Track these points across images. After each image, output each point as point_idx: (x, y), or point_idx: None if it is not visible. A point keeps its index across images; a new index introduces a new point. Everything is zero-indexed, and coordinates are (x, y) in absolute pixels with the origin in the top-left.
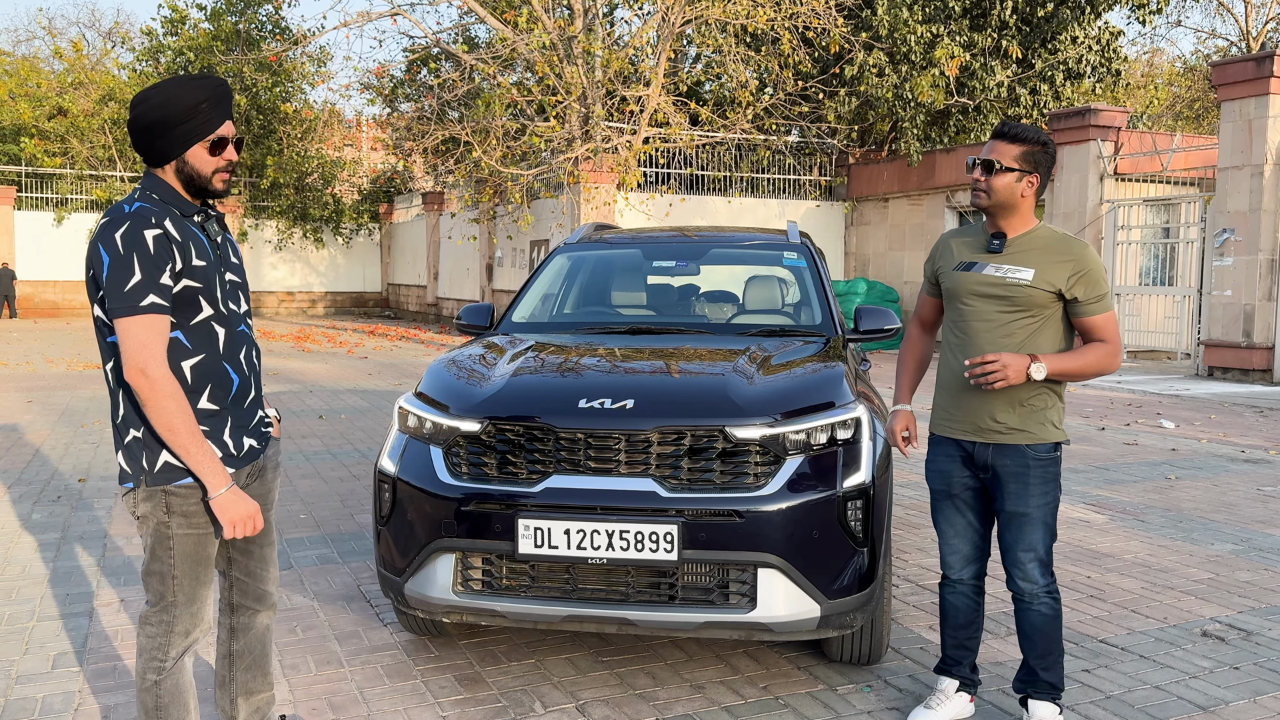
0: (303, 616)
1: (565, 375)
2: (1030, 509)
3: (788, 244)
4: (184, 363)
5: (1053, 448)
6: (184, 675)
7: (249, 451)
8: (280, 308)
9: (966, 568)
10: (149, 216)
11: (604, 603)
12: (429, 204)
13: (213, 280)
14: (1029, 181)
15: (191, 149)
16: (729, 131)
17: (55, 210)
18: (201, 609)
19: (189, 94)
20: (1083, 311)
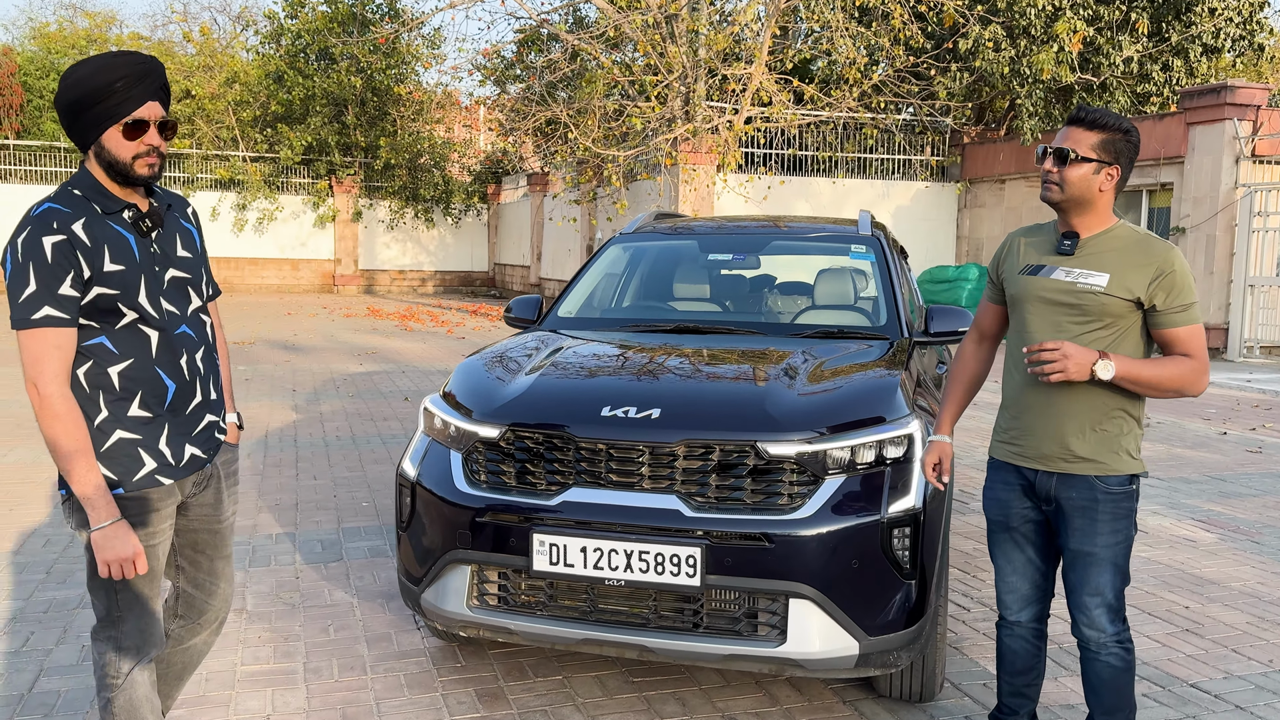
0: (339, 615)
1: (592, 380)
2: (1097, 548)
3: (856, 236)
4: (110, 369)
5: (1127, 480)
6: (137, 690)
7: (191, 460)
8: (392, 286)
9: (1025, 609)
10: (52, 221)
11: (623, 627)
12: (534, 185)
13: (135, 283)
14: (1108, 174)
15: (106, 131)
16: (835, 110)
17: (181, 189)
18: (150, 625)
19: (105, 72)
20: (1163, 321)
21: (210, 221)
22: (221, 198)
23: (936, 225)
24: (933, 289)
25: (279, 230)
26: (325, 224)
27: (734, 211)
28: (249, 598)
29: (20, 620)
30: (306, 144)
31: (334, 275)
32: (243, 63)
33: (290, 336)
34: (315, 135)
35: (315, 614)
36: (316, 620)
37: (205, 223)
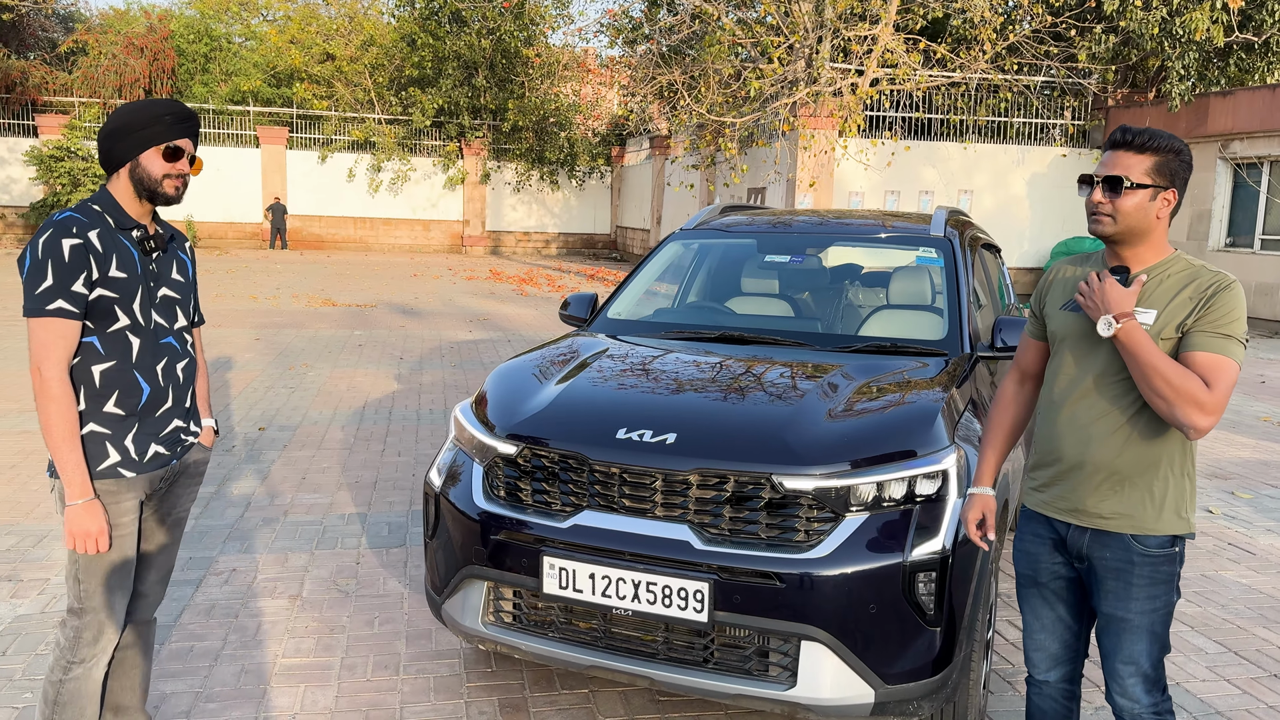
0: (387, 607)
1: (612, 398)
2: (1131, 614)
3: (927, 237)
4: (94, 367)
5: (1168, 542)
6: (87, 682)
7: (155, 458)
8: (517, 247)
9: (1054, 669)
10: (71, 226)
11: (632, 657)
12: (656, 148)
13: (133, 292)
14: (1165, 200)
15: (147, 151)
16: (967, 72)
17: (320, 150)
18: (109, 618)
19: (156, 108)
20: (1189, 343)
21: (346, 182)
22: (357, 159)
23: (1075, 193)
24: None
25: (411, 191)
26: (455, 186)
27: (854, 179)
28: (306, 583)
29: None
30: (438, 106)
31: (462, 236)
32: (379, 26)
33: (411, 300)
34: (446, 98)
35: (365, 604)
36: (364, 611)
37: (341, 183)
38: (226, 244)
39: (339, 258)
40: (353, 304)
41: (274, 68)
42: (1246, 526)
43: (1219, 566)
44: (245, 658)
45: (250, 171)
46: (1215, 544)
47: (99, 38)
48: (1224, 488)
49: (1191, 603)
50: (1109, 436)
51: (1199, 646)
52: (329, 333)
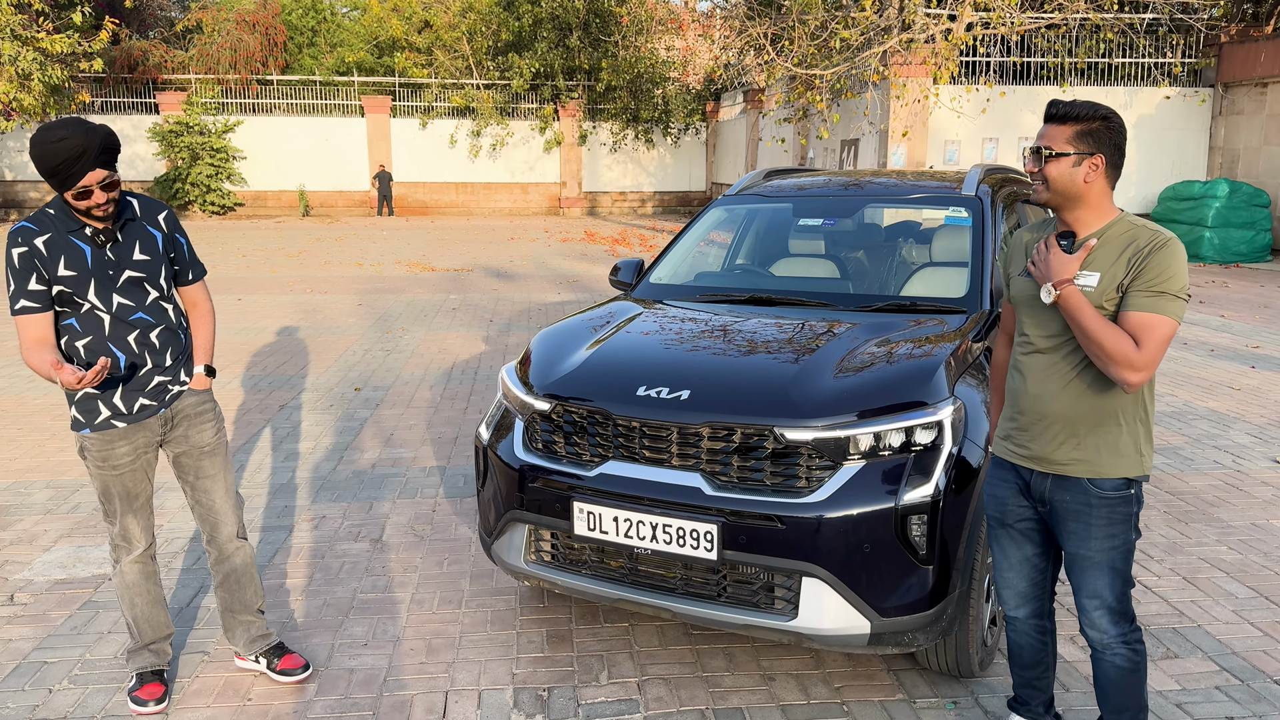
0: (458, 550)
1: (636, 359)
2: (1092, 552)
3: (958, 197)
4: (78, 342)
5: (1124, 484)
6: (127, 577)
7: (142, 409)
8: (613, 207)
9: (1022, 606)
10: (18, 236)
11: (653, 591)
12: (750, 101)
13: (85, 283)
14: (1091, 165)
15: (66, 193)
16: (1066, 12)
17: (422, 117)
18: (127, 532)
19: (50, 158)
20: (1126, 302)
21: (448, 149)
22: (458, 125)
23: (1185, 135)
24: (1176, 207)
25: (510, 155)
26: (551, 148)
27: (949, 128)
28: (387, 528)
29: (196, 540)
30: (534, 70)
31: (559, 198)
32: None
33: (506, 263)
34: (542, 60)
35: (437, 547)
36: (435, 554)
37: (443, 149)
38: (337, 212)
39: (441, 223)
40: (450, 269)
41: (376, 38)
42: None
43: (1272, 515)
44: (327, 593)
45: (357, 141)
46: (1274, 494)
47: (214, 15)
48: None
49: (1233, 550)
50: (1063, 390)
51: (1230, 591)
52: (426, 297)
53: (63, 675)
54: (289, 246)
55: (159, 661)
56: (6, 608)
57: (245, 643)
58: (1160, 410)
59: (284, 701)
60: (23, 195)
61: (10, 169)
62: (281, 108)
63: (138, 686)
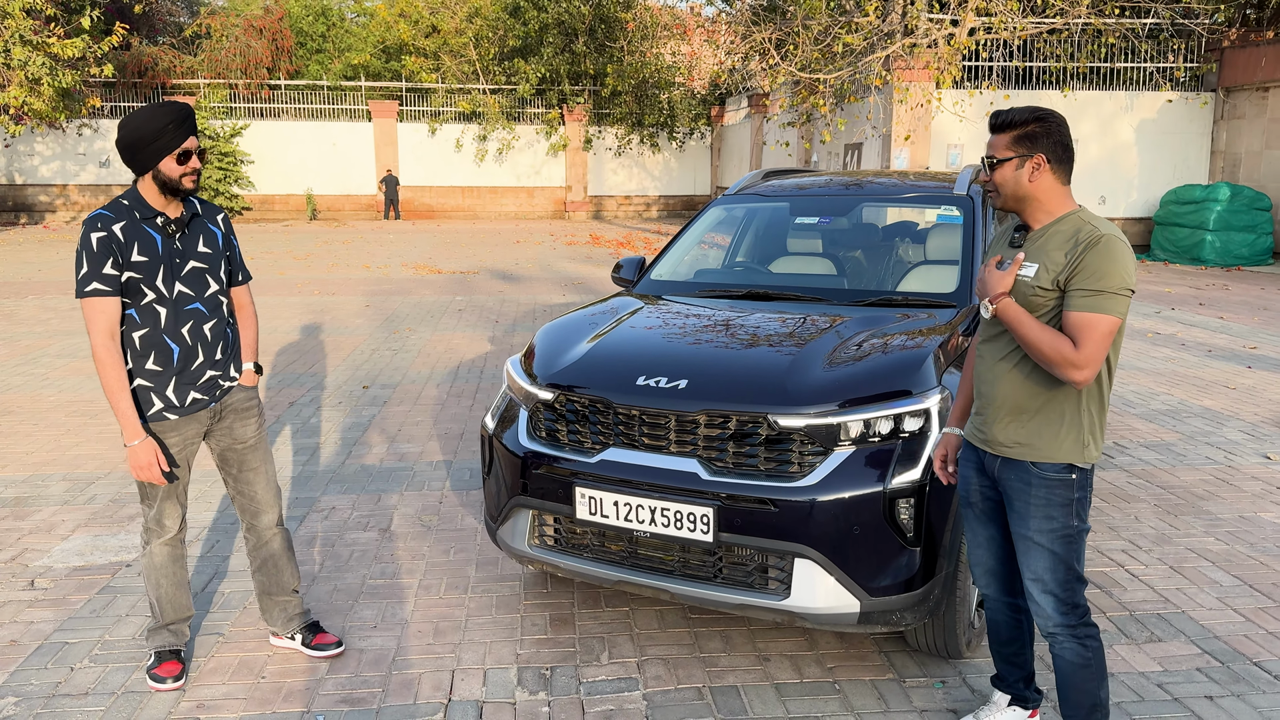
0: (464, 539)
1: (636, 350)
2: (1030, 532)
3: (950, 196)
4: (134, 333)
5: (1065, 469)
6: (156, 559)
7: (194, 403)
8: (619, 211)
9: (991, 584)
10: (97, 222)
11: (652, 572)
12: (754, 106)
13: (155, 271)
14: (1033, 165)
15: (163, 160)
16: (1067, 17)
17: (429, 122)
18: (161, 517)
19: (159, 118)
20: (1067, 302)
21: (454, 153)
22: (464, 130)
23: (1187, 139)
24: (1178, 210)
25: (516, 159)
26: (557, 152)
27: (952, 131)
28: (395, 519)
29: (212, 530)
30: (540, 75)
31: (565, 202)
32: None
33: (512, 266)
34: (548, 66)
35: (444, 536)
36: (442, 543)
37: (449, 154)
38: (344, 216)
39: (448, 226)
40: (457, 271)
41: (384, 42)
42: None
43: (1260, 509)
44: (338, 579)
45: (364, 145)
46: (1263, 488)
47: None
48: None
49: (1220, 541)
50: (1007, 375)
51: (1215, 580)
52: (433, 298)
53: (83, 655)
54: (296, 249)
55: (177, 641)
56: (28, 592)
57: (283, 622)
58: (1155, 408)
59: (296, 679)
60: (33, 199)
61: (21, 173)
62: (289, 112)
63: (156, 664)
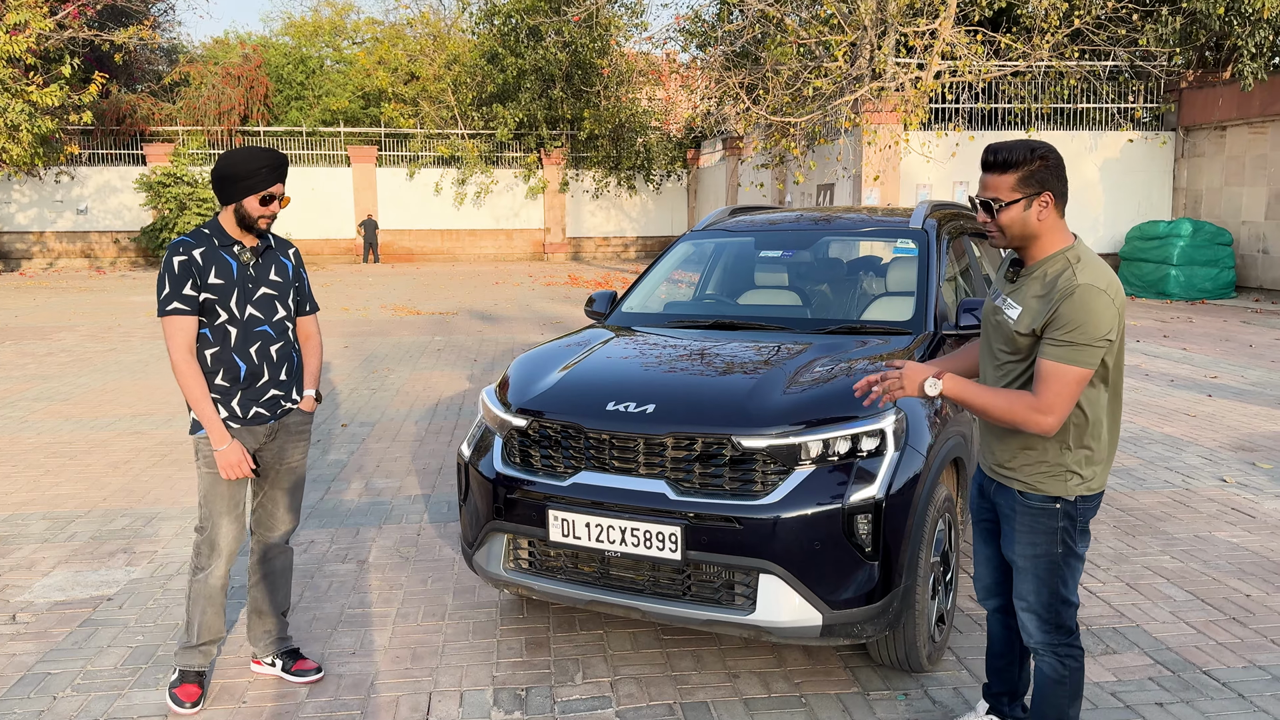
0: (440, 569)
1: (607, 377)
2: (1016, 556)
3: (905, 229)
4: (206, 351)
5: (1050, 500)
6: (208, 584)
7: (254, 416)
8: (597, 252)
9: (990, 598)
10: (179, 247)
11: (623, 592)
12: (730, 149)
13: (230, 294)
14: (1041, 203)
15: (249, 197)
16: (1029, 61)
17: (408, 166)
18: (216, 540)
19: (256, 160)
20: (1041, 350)
21: (433, 196)
22: (443, 174)
23: (1149, 177)
24: (1142, 246)
25: (494, 203)
26: (535, 195)
27: (921, 172)
28: (373, 551)
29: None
30: (518, 120)
31: (544, 244)
32: (461, 44)
33: (490, 306)
34: (526, 111)
35: (421, 567)
36: (420, 573)
37: (428, 197)
38: (322, 260)
39: (427, 269)
40: (436, 312)
41: (363, 89)
42: (1256, 494)
43: (1214, 529)
44: (316, 609)
45: (343, 190)
46: (1219, 509)
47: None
48: (1247, 459)
49: (1175, 559)
50: None
51: (1169, 595)
52: (411, 339)
53: (65, 684)
54: None
55: (204, 663)
56: (9, 626)
57: (265, 644)
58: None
59: (277, 704)
60: (9, 246)
61: None
62: None
63: (178, 684)
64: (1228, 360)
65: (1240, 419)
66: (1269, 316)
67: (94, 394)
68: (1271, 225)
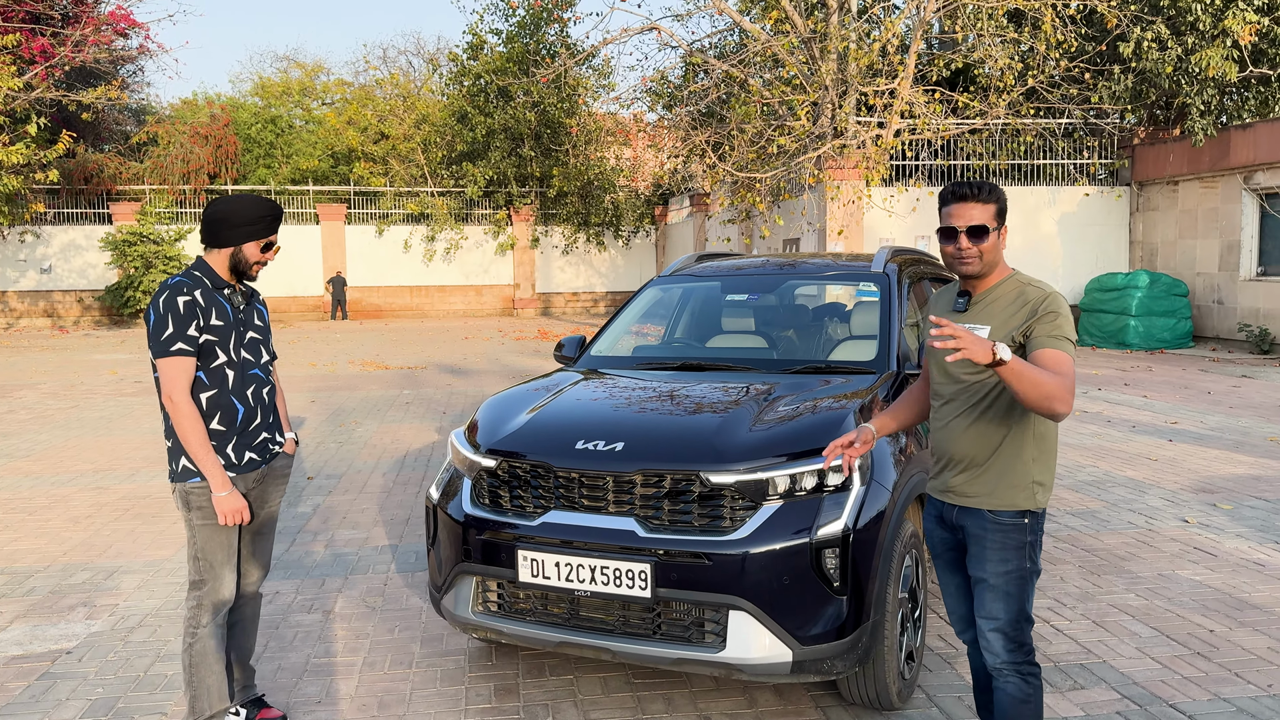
0: (407, 618)
1: (576, 416)
2: (987, 575)
3: (867, 273)
4: (202, 394)
5: (1019, 515)
6: (210, 641)
7: (249, 462)
8: (567, 308)
9: (967, 630)
10: (183, 287)
11: (592, 632)
12: (696, 205)
13: (228, 336)
14: (1003, 234)
15: (249, 243)
16: (986, 119)
17: (377, 224)
18: (219, 589)
19: (260, 209)
20: (1034, 344)
21: (403, 253)
22: (413, 231)
23: (1106, 230)
24: (1101, 297)
25: (464, 259)
26: (505, 251)
27: (883, 226)
28: (339, 601)
29: (155, 615)
30: (488, 178)
31: (514, 299)
32: (430, 104)
33: (460, 360)
34: (495, 169)
35: (388, 616)
36: (387, 622)
37: (397, 254)
38: (290, 317)
39: (396, 325)
40: (404, 366)
41: (332, 148)
42: (1218, 533)
43: (1177, 567)
44: (281, 658)
45: (311, 247)
46: (1181, 548)
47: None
48: (1208, 500)
49: (1140, 596)
50: (964, 433)
51: (1134, 631)
52: (379, 392)
53: None
54: None
55: None
56: None
57: (232, 692)
58: (1082, 479)
59: None
60: None
61: None
62: None
63: None
64: (1187, 406)
65: (1200, 462)
66: (1226, 365)
67: (55, 450)
68: (1225, 276)
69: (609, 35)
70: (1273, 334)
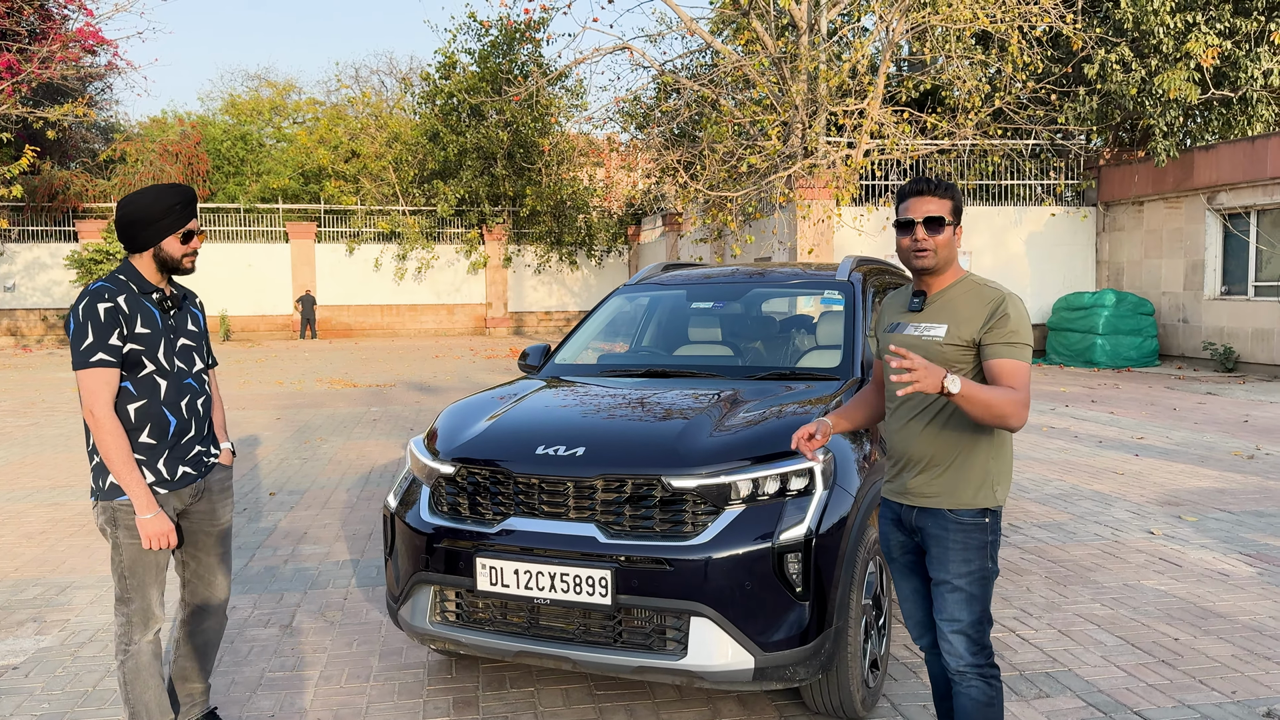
0: (366, 632)
1: (536, 422)
2: (950, 576)
3: (832, 282)
4: (129, 405)
5: (979, 514)
6: (143, 657)
7: (183, 477)
8: (539, 326)
9: (924, 635)
10: (104, 293)
11: (551, 641)
12: (669, 224)
13: (156, 343)
14: (959, 232)
15: (168, 238)
16: (954, 139)
17: (348, 242)
18: (148, 607)
19: (166, 199)
20: (988, 353)
21: (373, 272)
22: (384, 249)
23: (1073, 250)
24: (1068, 316)
25: (435, 278)
26: (477, 270)
27: (854, 245)
28: (297, 615)
29: (105, 630)
30: (460, 196)
31: (486, 318)
32: (402, 123)
33: (429, 378)
34: (467, 188)
35: (347, 630)
36: (346, 636)
37: (368, 273)
38: (258, 336)
39: (366, 344)
40: (373, 384)
41: (303, 167)
42: (1182, 544)
43: (1143, 577)
44: (236, 673)
45: (280, 266)
46: (1146, 559)
47: (137, 146)
48: (1173, 513)
49: (1106, 606)
50: (921, 434)
51: (1099, 640)
52: (346, 410)
53: None
54: None
55: None
56: None
57: (186, 709)
58: (1048, 492)
59: None
60: None
61: None
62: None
63: None
64: (1153, 422)
65: (1166, 476)
66: (1191, 382)
67: (12, 467)
68: (1190, 295)
69: (581, 55)
70: (1236, 352)
